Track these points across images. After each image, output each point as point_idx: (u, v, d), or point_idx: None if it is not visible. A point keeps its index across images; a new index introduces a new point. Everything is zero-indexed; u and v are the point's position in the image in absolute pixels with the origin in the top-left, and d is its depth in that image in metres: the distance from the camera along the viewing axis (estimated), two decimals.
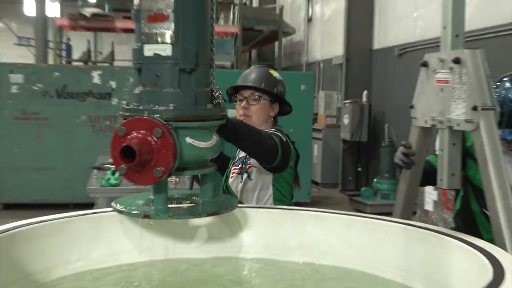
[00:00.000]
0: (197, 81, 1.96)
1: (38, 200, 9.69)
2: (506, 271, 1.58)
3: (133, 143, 1.77)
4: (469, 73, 2.35)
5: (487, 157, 2.26)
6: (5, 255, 1.94)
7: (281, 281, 2.29)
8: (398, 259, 2.17)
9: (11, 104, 9.60)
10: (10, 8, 35.22)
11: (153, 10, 1.91)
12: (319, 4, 15.13)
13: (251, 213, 2.50)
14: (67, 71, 10.40)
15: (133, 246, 2.33)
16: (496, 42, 7.49)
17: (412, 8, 10.44)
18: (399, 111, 10.46)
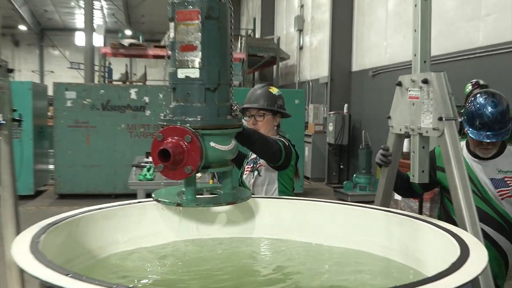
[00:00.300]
0: (219, 97, 1.97)
1: (86, 191, 9.66)
2: (470, 249, 1.57)
3: (169, 147, 1.81)
4: (435, 91, 2.35)
5: (450, 156, 2.25)
6: (71, 235, 1.95)
7: (286, 255, 2.28)
8: (380, 238, 2.17)
9: (66, 115, 9.60)
10: (64, 39, 35.31)
11: (185, 42, 1.93)
12: (308, 35, 15.12)
13: (261, 202, 2.50)
14: (110, 89, 10.40)
15: (170, 228, 2.33)
16: (456, 65, 7.48)
17: (382, 39, 10.43)
18: (373, 120, 10.48)
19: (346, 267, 2.10)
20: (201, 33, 1.89)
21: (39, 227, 1.76)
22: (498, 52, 6.68)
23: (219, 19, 1.92)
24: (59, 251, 1.70)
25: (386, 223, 2.18)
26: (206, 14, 1.88)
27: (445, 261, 1.49)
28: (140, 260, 2.13)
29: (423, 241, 1.96)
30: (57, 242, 1.76)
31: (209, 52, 1.91)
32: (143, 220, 2.28)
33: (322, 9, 13.63)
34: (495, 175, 2.64)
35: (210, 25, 1.90)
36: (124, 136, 9.77)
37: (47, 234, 1.70)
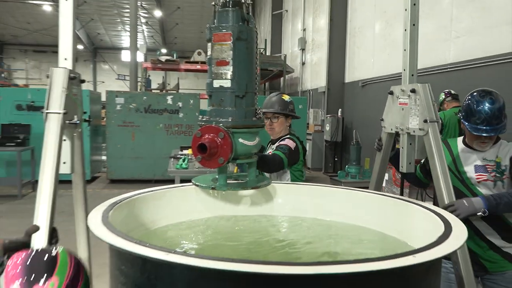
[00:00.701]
0: (246, 103, 1.97)
1: (131, 177, 9.68)
2: (453, 227, 1.56)
3: (206, 142, 1.81)
4: (421, 99, 2.37)
5: (433, 151, 2.27)
6: (130, 211, 1.96)
7: (300, 228, 2.27)
8: (376, 217, 2.15)
9: (116, 116, 9.64)
10: (113, 56, 35.54)
11: (219, 58, 1.93)
12: (309, 53, 15.06)
13: (279, 187, 2.48)
14: (151, 96, 10.43)
15: (205, 207, 2.32)
16: (431, 78, 7.42)
17: (370, 56, 10.36)
18: (362, 122, 10.43)
19: (350, 239, 2.09)
20: (233, 51, 1.89)
21: (107, 205, 1.78)
22: (465, 68, 6.63)
23: (247, 40, 1.92)
24: (122, 224, 1.70)
25: (381, 205, 2.16)
26: (237, 36, 1.88)
27: (432, 236, 1.47)
28: (182, 231, 2.14)
29: (413, 220, 1.94)
30: (120, 217, 1.78)
31: (239, 66, 1.91)
32: (184, 200, 2.28)
33: (321, 33, 13.56)
34: (480, 163, 2.44)
35: (240, 45, 1.90)
36: (161, 134, 9.78)
37: (113, 211, 1.72)
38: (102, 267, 4.45)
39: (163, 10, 25.17)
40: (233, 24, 1.89)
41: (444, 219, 1.65)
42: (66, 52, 2.07)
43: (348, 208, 2.26)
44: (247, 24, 1.93)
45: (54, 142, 1.88)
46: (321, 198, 2.39)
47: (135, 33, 15.10)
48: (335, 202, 2.33)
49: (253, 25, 1.97)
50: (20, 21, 29.36)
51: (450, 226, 1.56)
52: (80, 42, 32.15)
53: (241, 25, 1.89)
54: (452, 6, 7.10)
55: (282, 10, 18.75)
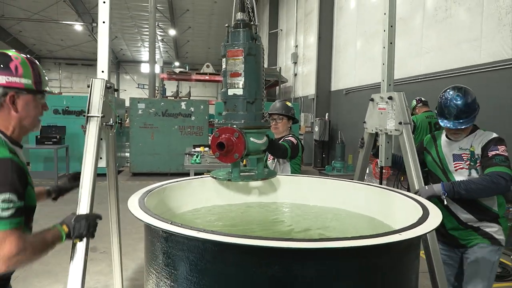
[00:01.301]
0: (255, 108, 1.98)
1: (150, 171, 9.64)
2: (430, 211, 1.58)
3: (224, 140, 1.83)
4: (396, 104, 2.44)
5: (407, 148, 2.34)
6: (159, 198, 1.99)
7: (301, 212, 2.29)
8: (364, 203, 2.16)
9: (138, 119, 9.61)
10: (133, 68, 35.44)
11: (233, 71, 1.94)
12: (300, 66, 15.06)
13: (283, 178, 2.49)
14: (167, 102, 10.40)
15: (220, 195, 2.34)
16: (404, 87, 7.46)
17: (352, 69, 10.38)
18: (346, 124, 10.45)
19: (342, 220, 2.11)
20: (244, 65, 1.91)
21: (141, 193, 1.81)
22: (433, 78, 6.66)
23: (255, 55, 1.94)
24: (154, 208, 1.73)
25: (368, 193, 2.18)
26: (247, 52, 1.90)
27: (413, 218, 1.50)
28: (202, 214, 2.17)
29: (395, 205, 1.96)
30: (153, 203, 1.80)
31: (249, 77, 1.92)
32: (203, 190, 2.30)
33: (310, 48, 13.57)
34: (457, 152, 2.31)
35: (250, 60, 1.92)
36: (176, 134, 9.76)
37: (147, 197, 1.75)
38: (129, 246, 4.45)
39: (176, 30, 25.12)
40: (244, 42, 1.91)
41: (422, 204, 1.68)
42: (103, 65, 2.10)
43: (338, 196, 2.28)
44: (255, 42, 1.95)
45: (94, 140, 1.92)
46: (318, 187, 2.41)
47: (153, 49, 15.06)
48: (328, 191, 2.35)
49: (260, 43, 1.99)
50: (55, 39, 29.24)
51: (427, 210, 1.59)
52: None
53: (251, 42, 1.91)
54: (422, 27, 7.14)
55: (277, 29, 18.75)
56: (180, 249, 1.31)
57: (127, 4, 22.48)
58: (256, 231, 1.94)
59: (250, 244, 1.17)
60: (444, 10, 6.49)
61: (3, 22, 25.46)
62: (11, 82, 1.44)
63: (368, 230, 1.91)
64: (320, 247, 1.18)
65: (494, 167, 2.09)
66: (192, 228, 1.27)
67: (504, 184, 2.03)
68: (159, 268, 1.40)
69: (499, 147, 2.17)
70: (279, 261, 1.21)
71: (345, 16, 10.98)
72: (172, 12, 22.89)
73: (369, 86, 9.13)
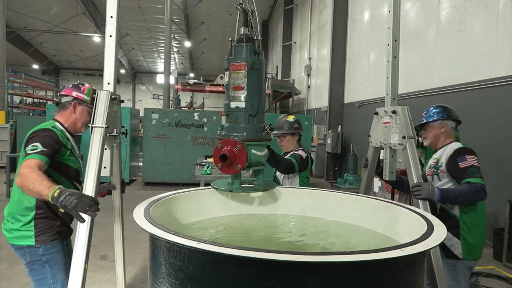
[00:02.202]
0: (257, 120, 2.00)
1: (163, 181, 9.72)
2: (435, 226, 1.56)
3: (226, 152, 1.85)
4: (400, 119, 2.44)
5: (410, 161, 2.35)
6: (166, 208, 2.00)
7: (301, 225, 2.26)
8: (369, 217, 2.13)
9: (152, 129, 9.74)
10: (149, 79, 36.09)
11: (236, 84, 1.97)
12: (314, 78, 15.10)
13: (284, 191, 2.48)
14: (181, 112, 10.53)
15: (223, 207, 2.32)
16: (417, 100, 7.39)
17: (365, 81, 10.35)
18: (359, 137, 10.37)
19: (345, 234, 2.08)
20: (247, 78, 1.93)
21: (148, 202, 1.83)
22: (447, 92, 6.59)
23: (258, 70, 1.95)
24: (159, 218, 1.74)
25: (374, 207, 2.15)
26: (250, 66, 1.92)
27: (417, 233, 1.48)
28: (205, 225, 2.15)
29: (401, 220, 1.92)
30: (158, 212, 1.82)
31: (252, 91, 1.94)
32: (208, 201, 2.28)
33: (324, 61, 13.61)
34: (431, 161, 2.55)
35: (253, 74, 1.94)
36: (189, 144, 9.85)
37: (153, 207, 1.77)
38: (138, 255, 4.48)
39: (192, 41, 25.58)
40: (247, 56, 1.93)
41: (427, 219, 1.66)
42: (109, 77, 2.16)
43: (343, 209, 2.25)
44: (258, 56, 1.96)
45: (97, 150, 1.97)
46: (320, 200, 2.39)
47: (168, 60, 15.35)
48: (333, 204, 2.32)
49: (262, 57, 2.00)
50: (74, 50, 30.11)
51: (432, 226, 1.57)
52: (123, 67, 32.77)
53: (254, 57, 1.93)
54: (436, 40, 7.10)
55: (291, 42, 18.89)
56: (180, 259, 1.33)
57: (144, 17, 23.06)
58: (259, 243, 1.93)
59: (248, 256, 1.18)
60: (459, 23, 6.45)
61: (26, 33, 26.39)
62: (77, 95, 2.31)
63: (371, 245, 1.89)
64: (318, 261, 1.18)
65: (470, 178, 2.23)
66: (192, 238, 1.29)
67: (483, 194, 2.19)
68: (161, 278, 1.41)
69: (467, 157, 2.29)
70: (278, 274, 1.21)
71: (359, 28, 11.01)
72: (187, 24, 23.35)
73: (383, 99, 9.08)
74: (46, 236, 2.11)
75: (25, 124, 11.33)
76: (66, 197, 1.66)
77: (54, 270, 2.12)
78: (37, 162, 1.89)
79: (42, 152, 1.95)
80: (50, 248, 2.11)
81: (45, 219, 2.12)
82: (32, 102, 24.26)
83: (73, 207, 1.65)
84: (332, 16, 12.29)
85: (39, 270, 2.12)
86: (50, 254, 2.11)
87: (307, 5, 15.98)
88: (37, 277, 2.13)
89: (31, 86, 21.76)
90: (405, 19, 8.23)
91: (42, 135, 2.05)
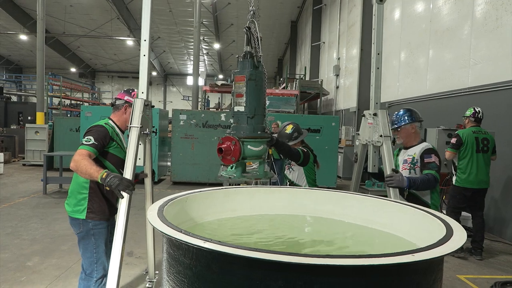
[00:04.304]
0: (255, 122, 2.25)
1: (190, 180, 9.88)
2: (454, 230, 1.50)
3: (223, 147, 2.18)
4: (380, 120, 2.93)
5: (385, 156, 2.82)
6: (182, 207, 2.02)
7: (322, 228, 2.24)
8: (389, 221, 2.06)
9: (180, 130, 9.91)
10: (179, 81, 36.84)
11: (237, 92, 2.26)
12: (342, 79, 14.87)
13: (303, 193, 2.45)
14: (208, 113, 10.63)
15: (241, 206, 2.33)
16: (458, 99, 7.10)
17: (395, 81, 10.07)
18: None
19: (366, 237, 2.03)
20: (246, 87, 2.22)
21: (162, 201, 1.86)
22: (483, 91, 6.28)
23: (255, 80, 2.23)
24: (174, 217, 1.77)
25: (396, 210, 2.05)
26: (248, 78, 2.21)
27: (433, 238, 1.42)
28: (221, 224, 2.16)
29: (421, 224, 1.84)
30: (173, 211, 1.84)
31: (250, 97, 2.22)
32: (225, 200, 2.30)
33: (353, 61, 13.38)
34: (405, 157, 3.13)
35: (251, 84, 2.22)
36: (216, 145, 9.87)
37: (167, 206, 1.80)
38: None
39: (221, 43, 25.88)
40: (247, 70, 2.24)
41: (446, 223, 1.59)
42: (143, 88, 2.66)
43: (362, 211, 2.20)
44: (256, 69, 2.24)
45: (134, 144, 2.47)
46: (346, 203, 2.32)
47: (197, 62, 15.61)
48: (352, 207, 2.26)
49: (262, 69, 2.28)
50: (109, 53, 31.29)
51: (451, 231, 1.50)
52: (154, 69, 33.70)
53: (251, 70, 2.23)
54: (471, 37, 6.79)
55: (320, 42, 18.71)
56: (189, 257, 1.34)
57: (175, 20, 23.58)
58: (271, 244, 1.92)
59: (254, 257, 1.17)
60: (495, 19, 6.14)
61: (64, 38, 27.71)
62: (128, 99, 2.79)
63: (388, 248, 1.83)
64: (326, 264, 1.15)
65: (428, 170, 2.91)
66: (200, 237, 1.30)
67: (434, 182, 2.85)
68: (172, 275, 1.44)
69: (432, 155, 2.97)
70: (284, 276, 1.20)
71: (389, 27, 10.73)
72: (217, 26, 23.66)
73: (413, 99, 8.80)
74: (95, 214, 2.63)
75: (62, 125, 11.86)
76: (111, 178, 2.23)
77: (98, 242, 2.65)
78: (88, 152, 2.45)
79: (93, 145, 2.49)
80: (98, 224, 2.64)
81: (96, 199, 2.63)
82: (70, 103, 25.43)
83: (116, 186, 2.22)
84: (361, 15, 12.06)
85: (86, 239, 2.64)
86: (96, 229, 2.64)
87: (336, 4, 15.76)
88: (84, 245, 2.66)
89: (69, 89, 22.80)
90: (438, 16, 7.93)
91: (96, 130, 2.59)
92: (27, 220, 6.04)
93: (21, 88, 30.68)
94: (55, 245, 4.82)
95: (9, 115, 19.99)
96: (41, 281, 3.78)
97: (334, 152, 10.15)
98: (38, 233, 5.34)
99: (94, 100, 27.96)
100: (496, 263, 4.77)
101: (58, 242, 4.94)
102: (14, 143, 14.15)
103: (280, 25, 24.72)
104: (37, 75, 14.22)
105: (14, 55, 32.75)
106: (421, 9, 8.87)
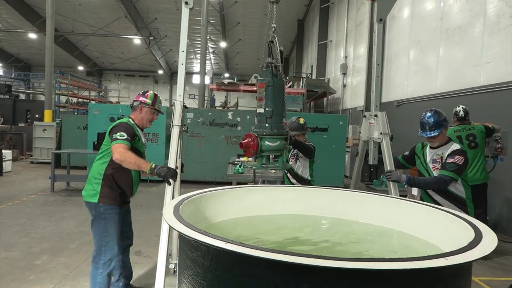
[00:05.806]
0: (273, 121, 2.42)
1: (197, 179, 9.82)
2: (483, 233, 1.43)
3: (244, 142, 2.37)
4: (380, 120, 3.43)
5: (384, 150, 3.35)
6: (196, 206, 2.00)
7: (342, 229, 2.19)
8: (409, 222, 1.99)
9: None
10: (186, 79, 36.77)
11: (259, 96, 2.47)
12: (350, 77, 14.75)
13: (317, 191, 2.43)
14: (215, 111, 10.62)
15: (256, 206, 2.33)
16: (470, 98, 6.98)
17: (404, 79, 9.95)
18: (396, 137, 9.94)
19: (388, 239, 1.97)
20: (265, 92, 2.42)
21: (178, 200, 1.83)
22: (495, 90, 6.16)
23: (273, 86, 2.42)
24: (189, 216, 1.73)
25: (422, 213, 1.98)
26: (267, 84, 2.43)
27: (460, 243, 1.34)
28: (236, 224, 2.16)
29: (447, 226, 1.76)
30: (188, 210, 1.81)
31: (268, 101, 2.42)
32: (238, 199, 2.31)
33: (360, 59, 13.26)
34: (435, 157, 3.20)
35: (269, 90, 2.42)
36: (223, 143, 9.91)
37: (183, 205, 1.76)
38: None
39: (227, 42, 25.83)
40: (266, 78, 2.45)
41: (475, 227, 1.52)
42: (180, 92, 3.17)
43: (376, 213, 2.15)
44: (275, 77, 2.43)
45: (176, 140, 3.04)
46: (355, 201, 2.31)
47: (204, 61, 15.58)
48: (365, 206, 2.23)
49: (280, 77, 2.45)
50: (116, 52, 31.38)
51: (480, 233, 1.43)
52: (160, 68, 33.74)
53: (269, 78, 2.43)
54: (483, 35, 6.67)
55: (327, 41, 18.58)
56: (208, 259, 1.29)
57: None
58: (287, 245, 1.89)
59: (277, 259, 1.12)
60: (508, 17, 6.02)
61: (72, 37, 27.82)
62: (143, 100, 3.09)
63: (413, 252, 1.77)
64: (351, 268, 1.09)
65: (443, 171, 3.01)
66: (222, 239, 1.25)
67: (443, 184, 2.97)
68: (189, 277, 1.39)
69: (455, 156, 3.01)
70: (308, 278, 1.14)
71: (398, 25, 10.60)
72: (223, 25, 23.61)
73: (423, 98, 8.68)
74: (107, 199, 2.86)
75: (70, 123, 11.88)
76: (160, 168, 2.68)
77: (107, 226, 2.87)
78: (126, 145, 2.79)
79: (127, 139, 2.82)
80: (109, 209, 2.87)
81: (108, 185, 2.88)
82: (77, 101, 25.55)
83: (165, 174, 2.65)
84: (369, 13, 11.93)
85: (97, 222, 2.87)
86: (107, 213, 2.86)
87: (344, 2, 15.63)
88: (95, 228, 2.89)
89: (76, 87, 22.90)
90: (449, 14, 7.81)
91: (125, 127, 2.90)
92: (35, 218, 6.04)
93: (29, 86, 30.90)
94: (64, 243, 4.80)
95: (17, 113, 20.12)
96: (50, 280, 3.75)
97: (341, 151, 10.07)
98: (46, 231, 5.32)
99: (101, 98, 28.05)
100: (510, 265, 4.67)
101: (66, 240, 4.93)
102: (22, 140, 14.23)
103: (287, 23, 24.61)
104: (46, 73, 14.26)
105: (23, 54, 32.97)
106: (431, 7, 8.74)
